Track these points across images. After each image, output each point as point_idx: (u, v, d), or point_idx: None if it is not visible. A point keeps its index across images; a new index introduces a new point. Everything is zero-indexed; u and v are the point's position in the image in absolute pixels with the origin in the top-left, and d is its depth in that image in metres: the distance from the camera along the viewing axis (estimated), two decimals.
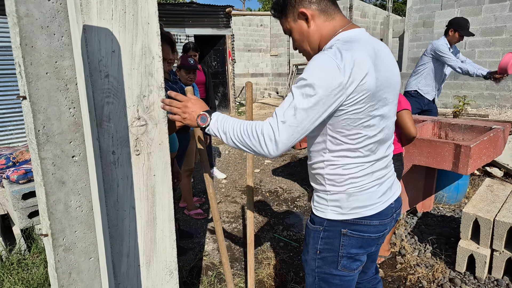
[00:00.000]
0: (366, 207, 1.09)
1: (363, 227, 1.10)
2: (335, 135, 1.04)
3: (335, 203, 1.10)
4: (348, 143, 1.03)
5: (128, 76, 1.15)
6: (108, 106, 1.13)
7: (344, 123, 1.00)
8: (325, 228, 1.13)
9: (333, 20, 1.07)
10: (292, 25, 1.11)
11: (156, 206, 1.28)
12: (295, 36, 1.12)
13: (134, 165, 1.21)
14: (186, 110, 1.16)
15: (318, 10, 1.06)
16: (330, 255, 1.15)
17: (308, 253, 1.21)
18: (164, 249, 1.33)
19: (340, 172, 1.07)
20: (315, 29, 1.07)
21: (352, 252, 1.12)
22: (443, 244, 2.47)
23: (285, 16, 1.11)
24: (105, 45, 1.10)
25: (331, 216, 1.11)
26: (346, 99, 0.95)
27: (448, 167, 2.29)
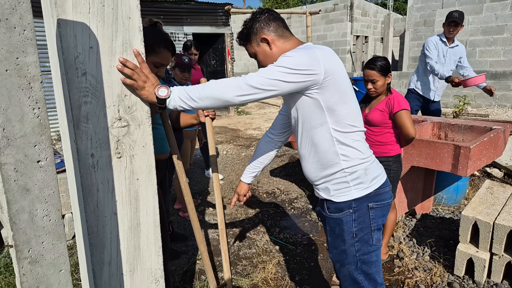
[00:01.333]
0: (380, 175, 1.28)
1: (383, 195, 1.27)
2: (331, 113, 1.19)
3: (357, 180, 1.23)
4: (344, 115, 1.20)
5: (108, 74, 1.08)
6: (86, 106, 1.06)
7: (333, 100, 1.18)
8: (354, 209, 1.24)
9: (290, 41, 1.29)
10: (257, 49, 1.29)
11: (140, 212, 1.22)
12: (260, 57, 1.30)
13: (115, 168, 1.14)
14: (147, 80, 1.10)
15: (276, 35, 1.27)
16: (365, 233, 1.26)
17: (345, 242, 1.27)
18: (149, 256, 1.27)
19: (350, 144, 1.22)
20: (277, 50, 1.26)
21: (379, 223, 1.27)
22: (442, 247, 2.41)
23: (250, 42, 1.30)
24: (81, 40, 1.03)
25: (357, 194, 1.23)
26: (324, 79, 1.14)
27: (447, 168, 2.23)
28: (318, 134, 1.23)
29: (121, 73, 1.09)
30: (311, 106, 1.20)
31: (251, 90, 1.11)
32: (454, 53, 3.60)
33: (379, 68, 2.07)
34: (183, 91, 1.14)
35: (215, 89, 1.12)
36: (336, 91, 1.17)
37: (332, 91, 1.17)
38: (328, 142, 1.22)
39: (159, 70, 1.47)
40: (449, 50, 3.59)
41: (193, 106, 1.14)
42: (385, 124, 2.13)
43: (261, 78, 1.10)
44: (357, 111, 1.27)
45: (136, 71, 1.09)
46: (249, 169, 1.60)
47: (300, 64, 1.11)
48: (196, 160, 4.81)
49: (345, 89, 1.21)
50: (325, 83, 1.15)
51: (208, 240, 2.71)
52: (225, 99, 1.12)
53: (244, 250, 2.54)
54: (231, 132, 6.69)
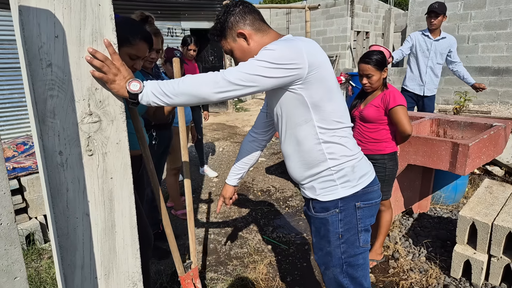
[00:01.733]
0: (368, 173, 1.21)
1: (371, 194, 1.21)
2: (316, 109, 1.12)
3: (344, 178, 1.16)
4: (329, 112, 1.13)
5: (76, 66, 1.01)
6: (52, 100, 0.99)
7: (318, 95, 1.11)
8: (340, 208, 1.17)
9: (268, 34, 1.20)
10: (233, 45, 1.21)
11: (115, 213, 1.15)
12: (237, 54, 1.21)
13: (86, 167, 1.07)
14: (118, 73, 1.02)
15: (253, 29, 1.19)
16: (351, 234, 1.19)
17: (330, 243, 1.21)
18: (126, 259, 1.20)
19: (336, 141, 1.15)
20: (256, 45, 1.18)
21: (367, 223, 1.21)
22: (439, 248, 2.34)
23: (225, 38, 1.21)
24: (46, 29, 0.96)
25: (343, 193, 1.17)
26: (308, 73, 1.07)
27: (445, 167, 2.15)
28: (303, 131, 1.16)
29: (91, 65, 1.02)
30: (294, 102, 1.12)
31: (229, 87, 1.03)
32: (440, 46, 3.51)
33: (375, 62, 1.99)
34: (156, 86, 1.06)
35: (191, 84, 1.04)
36: (321, 86, 1.10)
37: (317, 86, 1.10)
38: (313, 140, 1.15)
39: (135, 63, 1.39)
40: (434, 43, 3.51)
41: (167, 102, 1.06)
42: (380, 121, 2.06)
43: (240, 73, 1.02)
44: (343, 106, 1.20)
45: (107, 63, 1.01)
46: (234, 171, 1.52)
47: (282, 57, 1.03)
48: (191, 157, 4.75)
49: (331, 84, 1.13)
50: (309, 78, 1.08)
51: (200, 238, 2.64)
52: (202, 96, 1.04)
53: (236, 249, 2.47)
54: (229, 129, 6.61)
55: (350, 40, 11.03)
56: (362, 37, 11.81)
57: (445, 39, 3.51)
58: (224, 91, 1.03)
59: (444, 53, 3.52)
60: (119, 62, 1.04)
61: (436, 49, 3.51)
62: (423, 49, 3.55)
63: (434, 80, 3.61)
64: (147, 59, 2.08)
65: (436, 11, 3.35)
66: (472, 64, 7.97)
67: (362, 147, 2.17)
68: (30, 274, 2.14)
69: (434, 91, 3.67)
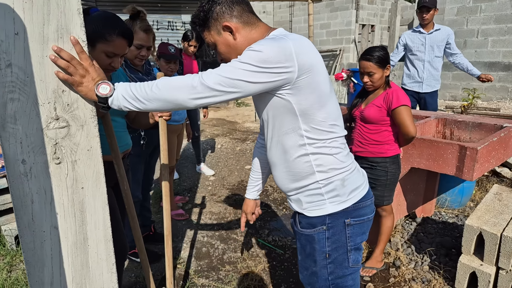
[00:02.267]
0: (360, 187, 1.10)
1: (362, 210, 1.10)
2: (305, 117, 1.01)
3: (332, 193, 1.06)
4: (320, 121, 1.02)
5: (40, 66, 0.91)
6: (12, 104, 0.89)
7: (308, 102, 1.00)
8: (328, 225, 1.08)
9: (257, 27, 1.08)
10: (217, 38, 1.08)
11: (87, 225, 1.06)
12: (221, 49, 1.09)
13: (53, 176, 0.98)
14: (85, 75, 0.92)
15: (241, 22, 1.06)
16: (339, 253, 1.10)
17: (316, 263, 1.11)
18: (101, 275, 1.11)
19: (326, 152, 1.05)
20: (242, 40, 1.06)
21: (357, 242, 1.11)
22: (443, 256, 2.23)
23: (208, 29, 1.08)
24: (4, 25, 0.86)
25: (332, 209, 1.06)
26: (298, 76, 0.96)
27: (451, 171, 2.03)
28: (290, 140, 1.04)
29: (55, 65, 0.92)
30: (281, 109, 1.01)
31: (207, 92, 0.91)
32: (435, 38, 3.39)
33: (376, 60, 1.86)
34: (128, 89, 0.95)
35: (165, 89, 0.93)
36: (311, 92, 0.99)
37: (307, 91, 0.98)
38: (300, 150, 1.04)
39: (113, 61, 1.29)
40: (428, 37, 3.40)
41: (140, 108, 0.96)
42: (382, 122, 1.94)
43: (220, 77, 0.90)
44: (337, 113, 1.08)
45: (73, 63, 0.91)
46: (251, 183, 1.41)
47: (269, 59, 0.91)
48: (188, 154, 4.66)
49: (323, 89, 1.01)
50: (298, 82, 0.96)
51: (191, 241, 2.56)
52: (177, 102, 0.93)
53: (229, 253, 2.39)
54: (228, 124, 6.51)
55: (354, 33, 10.81)
56: (367, 31, 11.57)
57: (440, 31, 3.39)
58: (202, 97, 0.92)
59: (440, 45, 3.40)
60: (87, 62, 0.93)
61: (432, 42, 3.40)
62: (417, 45, 3.45)
63: (434, 74, 3.49)
64: (137, 57, 1.97)
65: (427, 6, 3.26)
66: (481, 59, 7.75)
67: (362, 149, 2.07)
68: (17, 277, 2.07)
69: (436, 86, 3.54)
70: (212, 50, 8.25)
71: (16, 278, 2.07)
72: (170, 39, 7.49)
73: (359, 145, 2.04)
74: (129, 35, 1.29)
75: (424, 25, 3.38)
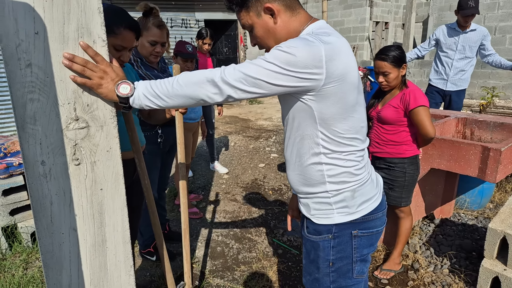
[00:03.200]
0: (371, 199, 1.06)
1: (372, 222, 1.06)
2: (325, 126, 0.96)
3: (341, 203, 1.03)
4: (339, 133, 0.97)
5: (60, 66, 0.90)
6: (32, 104, 0.88)
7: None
8: (334, 235, 1.05)
9: (298, 14, 1.01)
10: (255, 20, 1.01)
11: (106, 227, 1.05)
12: (258, 32, 1.02)
13: (73, 177, 0.97)
14: (104, 76, 0.90)
15: (283, 5, 0.99)
16: (344, 263, 1.07)
17: (319, 270, 1.09)
18: (119, 277, 1.10)
19: (341, 164, 1.00)
20: (282, 25, 0.99)
21: (364, 253, 1.08)
22: (463, 259, 2.17)
23: (247, 9, 1.00)
24: (24, 25, 0.85)
25: (339, 219, 1.03)
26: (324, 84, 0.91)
27: (473, 173, 1.97)
28: (305, 146, 1.00)
29: (71, 70, 0.90)
30: (302, 113, 0.96)
31: (228, 90, 0.88)
32: (469, 38, 3.32)
33: (392, 59, 1.81)
34: (149, 87, 0.93)
35: (186, 85, 0.90)
36: (336, 102, 0.93)
37: (331, 101, 0.92)
38: (314, 158, 1.00)
39: (122, 54, 1.29)
40: (462, 36, 3.33)
41: (161, 105, 0.94)
42: (400, 122, 1.88)
43: (242, 75, 0.87)
44: (360, 126, 1.02)
45: (88, 66, 0.89)
46: None
47: (296, 63, 0.85)
48: (202, 152, 4.66)
49: (349, 101, 0.95)
50: (324, 90, 0.90)
51: (206, 240, 2.55)
52: (199, 98, 0.91)
53: (244, 253, 2.37)
54: (241, 122, 6.49)
55: (368, 30, 10.64)
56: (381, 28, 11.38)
57: (475, 32, 3.30)
58: (223, 94, 0.89)
59: (473, 46, 3.32)
60: (104, 63, 0.92)
61: (465, 42, 3.32)
62: (450, 43, 3.39)
63: (461, 74, 3.42)
64: (152, 53, 1.96)
65: (475, 13, 3.17)
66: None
67: (379, 150, 2.02)
68: (33, 274, 2.09)
69: (462, 86, 3.47)
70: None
71: (32, 276, 2.09)
72: (184, 37, 7.50)
73: (376, 146, 1.99)
74: (136, 28, 1.29)
75: (462, 26, 3.31)
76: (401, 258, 2.18)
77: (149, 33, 1.88)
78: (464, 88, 3.48)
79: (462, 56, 3.36)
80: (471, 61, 3.41)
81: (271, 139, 5.24)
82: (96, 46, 0.94)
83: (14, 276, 2.08)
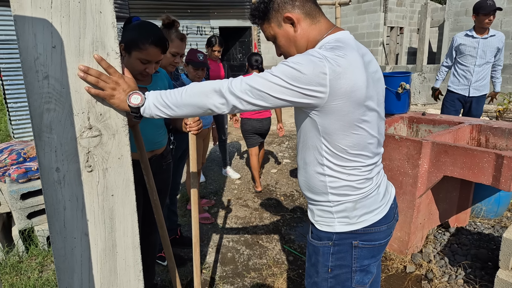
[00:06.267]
0: (374, 211, 1.06)
1: (374, 235, 1.06)
2: (328, 140, 0.97)
3: (342, 213, 1.04)
4: (342, 148, 0.97)
5: (75, 77, 0.94)
6: (48, 114, 0.93)
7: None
8: (334, 242, 1.06)
9: (318, 23, 1.02)
10: (277, 31, 1.04)
11: (116, 232, 1.08)
12: (281, 42, 1.05)
13: (85, 183, 1.01)
14: (116, 87, 0.95)
15: (303, 13, 1.01)
16: (343, 271, 1.08)
17: (318, 274, 1.11)
18: (128, 282, 1.13)
19: (343, 178, 1.01)
20: (302, 33, 1.01)
21: (364, 264, 1.08)
22: (479, 270, 2.11)
23: (268, 21, 1.04)
24: (42, 39, 0.89)
25: (340, 228, 1.05)
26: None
27: (487, 181, 1.92)
28: (310, 156, 1.03)
29: (85, 82, 0.95)
30: (308, 124, 0.99)
31: (234, 101, 0.91)
32: (488, 44, 3.29)
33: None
34: (159, 97, 0.97)
35: (194, 95, 0.94)
36: (339, 119, 0.93)
37: (335, 117, 0.92)
38: (318, 168, 1.02)
39: (147, 67, 1.38)
40: (482, 42, 3.30)
41: (170, 114, 0.98)
42: None
43: (248, 87, 0.90)
44: (367, 142, 0.99)
45: (102, 78, 0.94)
46: None
47: (301, 79, 0.86)
48: (214, 157, 4.70)
49: (354, 118, 0.93)
50: (328, 107, 0.91)
51: (217, 246, 2.57)
52: (206, 107, 0.94)
53: (255, 259, 2.37)
54: None
55: (383, 36, 10.56)
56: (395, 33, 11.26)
57: (495, 37, 3.29)
58: (230, 104, 0.92)
59: (493, 51, 3.31)
60: (116, 75, 0.96)
61: (485, 47, 3.30)
62: (469, 49, 3.36)
63: (482, 79, 3.40)
64: (172, 63, 2.03)
65: (497, 9, 3.15)
66: None
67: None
68: (48, 277, 2.16)
69: (483, 91, 3.45)
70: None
71: (47, 279, 2.15)
72: (198, 43, 7.64)
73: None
74: (162, 44, 1.36)
75: (479, 29, 3.29)
76: (415, 266, 2.14)
77: (172, 44, 1.96)
78: (485, 93, 3.46)
79: (483, 61, 3.34)
80: (490, 66, 3.40)
81: (283, 144, 5.24)
82: (110, 59, 0.98)
83: (30, 278, 2.14)
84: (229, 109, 0.94)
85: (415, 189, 2.19)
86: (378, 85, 1.02)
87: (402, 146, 2.21)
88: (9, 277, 2.14)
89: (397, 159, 2.25)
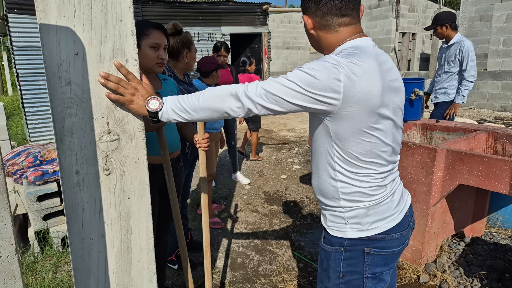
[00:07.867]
0: (386, 219, 1.05)
1: (387, 242, 1.05)
2: (340, 145, 0.98)
3: (354, 219, 1.04)
4: (353, 155, 0.97)
5: (96, 83, 0.97)
6: (70, 119, 0.96)
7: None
8: (346, 248, 1.06)
9: (336, 33, 1.02)
10: (305, 21, 1.07)
11: (131, 234, 1.10)
12: (307, 33, 1.10)
13: (103, 186, 1.03)
14: (135, 93, 0.98)
15: (319, 23, 1.02)
16: (355, 278, 1.07)
17: (330, 279, 1.10)
18: (142, 283, 1.15)
19: (355, 184, 1.01)
20: (318, 37, 1.05)
21: (377, 271, 1.06)
22: (495, 281, 2.06)
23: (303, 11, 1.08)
24: (65, 47, 0.93)
25: (352, 234, 1.04)
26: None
27: (505, 190, 1.88)
28: (322, 161, 1.03)
29: (105, 88, 0.98)
30: (320, 129, 0.99)
31: (249, 104, 0.93)
32: (449, 53, 3.34)
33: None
34: (176, 102, 1.00)
35: (211, 99, 0.96)
36: (351, 125, 0.93)
37: (348, 124, 0.93)
38: (330, 173, 1.02)
39: (159, 53, 1.48)
40: (444, 50, 3.42)
41: (187, 119, 1.00)
42: None
43: (263, 91, 0.91)
44: (380, 150, 0.98)
45: (121, 84, 0.97)
46: None
47: (315, 85, 0.88)
48: (224, 162, 4.72)
49: (366, 125, 0.93)
50: (341, 113, 0.91)
51: (226, 251, 2.57)
52: (223, 111, 0.96)
53: (264, 265, 2.37)
54: (264, 132, 6.53)
55: (394, 42, 10.49)
56: (407, 39, 11.18)
57: (454, 45, 3.30)
58: (245, 108, 0.94)
59: (450, 60, 3.33)
60: (135, 81, 0.99)
61: (447, 56, 3.37)
62: (439, 58, 3.50)
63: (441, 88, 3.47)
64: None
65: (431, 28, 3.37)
66: None
67: None
68: (62, 278, 2.19)
69: (441, 99, 3.47)
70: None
71: (61, 280, 2.19)
72: (209, 50, 7.73)
73: None
74: (162, 27, 1.50)
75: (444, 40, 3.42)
76: (429, 277, 2.10)
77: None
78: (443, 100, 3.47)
79: (442, 71, 3.43)
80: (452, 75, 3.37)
81: (293, 150, 5.24)
82: (129, 65, 1.01)
83: (45, 279, 2.18)
84: (244, 113, 0.95)
85: (429, 197, 2.16)
86: (395, 94, 1.00)
87: (415, 153, 2.19)
88: (24, 277, 2.18)
89: (410, 166, 2.23)
